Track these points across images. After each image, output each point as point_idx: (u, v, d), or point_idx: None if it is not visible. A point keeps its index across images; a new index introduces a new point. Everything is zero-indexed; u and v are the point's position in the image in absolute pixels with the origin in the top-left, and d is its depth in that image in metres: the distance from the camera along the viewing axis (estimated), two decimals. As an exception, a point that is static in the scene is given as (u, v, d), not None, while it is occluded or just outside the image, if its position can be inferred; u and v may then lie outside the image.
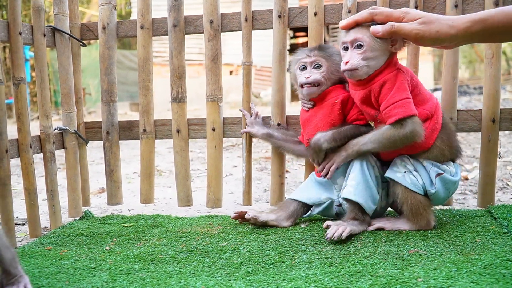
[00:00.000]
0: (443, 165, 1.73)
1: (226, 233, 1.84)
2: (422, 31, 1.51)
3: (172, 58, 2.16)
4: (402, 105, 1.62)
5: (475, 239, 1.58)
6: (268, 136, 2.04)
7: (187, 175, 2.20)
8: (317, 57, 1.81)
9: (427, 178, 1.70)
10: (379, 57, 1.65)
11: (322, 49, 1.83)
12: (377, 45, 1.62)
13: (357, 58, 1.63)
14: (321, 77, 1.80)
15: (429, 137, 1.69)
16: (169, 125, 2.22)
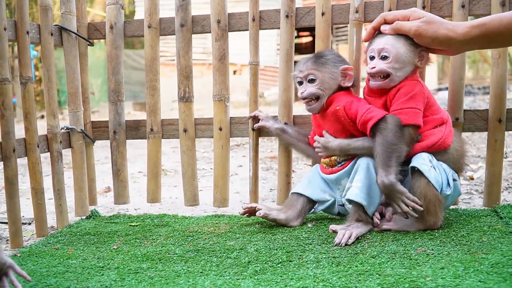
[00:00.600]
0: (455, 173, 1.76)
1: (233, 232, 1.84)
2: (422, 28, 1.60)
3: (180, 58, 2.17)
4: (409, 112, 1.67)
5: (482, 238, 1.58)
6: (282, 131, 2.04)
7: (194, 175, 2.21)
8: (309, 71, 1.79)
9: (446, 179, 1.70)
10: (404, 69, 1.69)
11: (316, 59, 1.81)
12: (403, 57, 1.67)
13: (384, 65, 1.67)
14: (316, 90, 1.78)
15: (447, 138, 1.73)
16: (176, 125, 2.22)
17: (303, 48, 16.30)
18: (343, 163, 1.82)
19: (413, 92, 1.68)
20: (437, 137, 1.72)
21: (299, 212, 1.87)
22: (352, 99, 1.78)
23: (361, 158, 1.75)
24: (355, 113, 1.74)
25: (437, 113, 1.75)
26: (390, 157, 1.63)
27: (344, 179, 1.81)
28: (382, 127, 1.66)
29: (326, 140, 1.81)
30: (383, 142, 1.65)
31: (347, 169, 1.80)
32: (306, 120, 2.10)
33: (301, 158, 3.39)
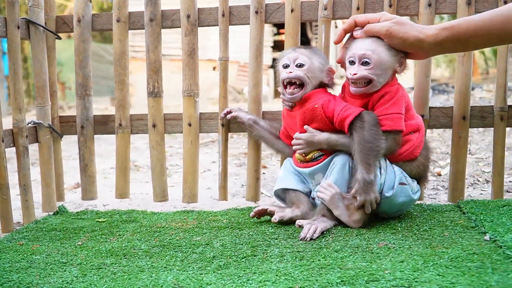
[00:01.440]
0: (409, 178, 1.76)
1: (201, 227, 1.84)
2: (393, 28, 1.60)
3: (149, 53, 2.16)
4: (393, 118, 1.67)
5: (444, 233, 1.61)
6: (254, 122, 2.03)
7: (163, 170, 2.20)
8: (301, 55, 1.77)
9: (390, 182, 1.70)
10: (385, 74, 1.68)
11: (309, 48, 1.83)
12: (385, 62, 1.66)
13: (366, 71, 1.66)
14: (303, 75, 1.75)
15: (417, 147, 1.74)
16: (145, 120, 2.21)
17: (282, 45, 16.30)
18: (319, 159, 1.81)
19: (395, 98, 1.69)
20: (406, 147, 1.73)
21: (310, 204, 1.84)
22: (329, 98, 1.78)
23: (337, 156, 1.75)
24: (332, 112, 1.73)
25: (412, 119, 1.76)
26: (369, 154, 1.63)
27: (318, 174, 1.81)
28: (359, 125, 1.66)
29: (311, 134, 1.77)
30: (360, 140, 1.65)
31: (322, 164, 1.79)
32: (276, 116, 2.11)
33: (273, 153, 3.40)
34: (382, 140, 1.66)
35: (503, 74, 1.96)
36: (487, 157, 3.34)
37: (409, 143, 1.74)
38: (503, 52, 1.96)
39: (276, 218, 1.77)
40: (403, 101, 1.71)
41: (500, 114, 1.99)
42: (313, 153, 1.80)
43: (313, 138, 1.77)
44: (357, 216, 1.69)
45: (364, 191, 1.64)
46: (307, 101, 1.78)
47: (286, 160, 1.95)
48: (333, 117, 1.73)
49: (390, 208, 1.74)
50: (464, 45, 1.58)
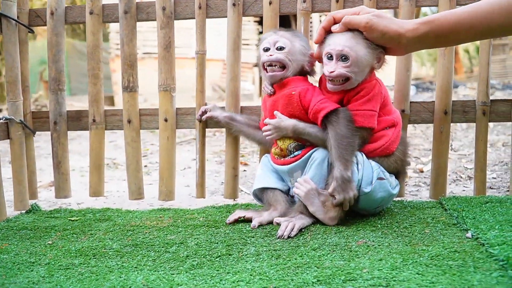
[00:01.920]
0: (387, 173, 1.72)
1: (176, 226, 1.78)
2: (372, 21, 1.55)
3: (123, 46, 2.09)
4: (364, 115, 1.63)
5: (424, 230, 1.57)
6: (231, 119, 1.98)
7: (138, 167, 2.14)
8: (282, 38, 1.72)
9: (368, 177, 1.66)
10: (363, 71, 1.63)
11: (290, 30, 1.77)
12: (362, 59, 1.60)
13: (344, 68, 1.61)
14: (284, 57, 1.70)
15: (393, 142, 1.69)
16: (120, 115, 2.15)
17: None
18: (296, 154, 1.75)
19: (371, 94, 1.65)
20: (382, 142, 1.69)
21: (288, 203, 1.78)
22: (308, 87, 1.72)
23: (316, 151, 1.70)
24: (308, 102, 1.68)
25: (389, 114, 1.72)
26: (347, 150, 1.59)
27: (297, 172, 1.75)
28: (334, 120, 1.62)
29: (278, 120, 1.72)
30: (336, 135, 1.60)
31: (301, 161, 1.73)
32: (254, 111, 2.06)
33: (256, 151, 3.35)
34: (358, 136, 1.63)
35: (485, 68, 1.93)
36: (470, 153, 3.32)
37: (385, 138, 1.70)
38: (486, 45, 1.92)
39: (255, 225, 1.70)
40: (379, 98, 1.67)
41: (482, 109, 1.96)
42: (288, 143, 1.75)
43: (280, 123, 1.72)
44: (333, 213, 1.64)
45: (343, 189, 1.59)
46: (286, 86, 1.73)
47: (264, 157, 1.90)
48: (308, 108, 1.68)
49: (370, 204, 1.70)
50: (445, 40, 1.53)
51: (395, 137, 1.71)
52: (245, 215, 1.76)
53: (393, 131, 1.71)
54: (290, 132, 1.71)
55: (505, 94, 8.99)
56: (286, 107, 1.72)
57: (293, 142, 1.74)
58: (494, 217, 1.63)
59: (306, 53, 1.74)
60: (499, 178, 2.58)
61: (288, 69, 1.72)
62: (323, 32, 1.66)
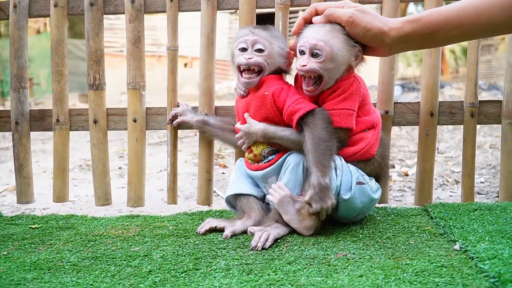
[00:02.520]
0: (367, 176, 1.60)
1: (143, 236, 1.65)
2: (356, 16, 1.44)
3: (89, 40, 1.95)
4: (341, 114, 1.51)
5: (409, 241, 1.46)
6: (203, 123, 1.85)
7: (105, 171, 2.00)
8: (261, 39, 1.59)
9: (347, 183, 1.54)
10: (338, 68, 1.51)
11: (268, 29, 1.63)
12: (338, 56, 1.48)
13: (316, 64, 1.48)
14: (263, 61, 1.58)
15: (373, 145, 1.58)
16: (86, 115, 2.01)
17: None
18: (270, 159, 1.63)
19: (348, 92, 1.53)
20: (361, 146, 1.57)
21: (263, 210, 1.66)
22: (282, 86, 1.60)
23: (291, 155, 1.58)
24: (283, 102, 1.56)
25: (368, 114, 1.60)
26: (325, 154, 1.47)
27: (271, 177, 1.63)
28: (310, 121, 1.50)
29: (248, 125, 1.60)
30: (313, 138, 1.48)
31: (275, 166, 1.61)
32: (229, 111, 1.93)
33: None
34: (336, 139, 1.51)
35: (473, 67, 1.82)
36: (457, 156, 3.23)
37: (364, 141, 1.58)
38: (475, 44, 1.82)
39: (228, 235, 1.57)
40: (358, 96, 1.55)
41: (470, 110, 1.85)
42: (261, 148, 1.62)
43: (250, 128, 1.60)
44: (308, 222, 1.52)
45: (320, 197, 1.47)
46: (260, 86, 1.61)
47: (238, 160, 1.77)
48: (283, 109, 1.56)
49: (350, 211, 1.59)
50: (432, 40, 1.42)
51: (375, 140, 1.59)
52: (217, 225, 1.63)
53: (373, 133, 1.59)
54: (260, 137, 1.59)
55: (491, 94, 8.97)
56: (259, 109, 1.60)
57: (267, 147, 1.62)
58: (484, 227, 1.52)
59: (283, 54, 1.62)
60: (487, 183, 2.48)
61: (264, 73, 1.60)
62: (302, 23, 1.55)
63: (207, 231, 1.63)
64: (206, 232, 1.63)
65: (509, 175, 1.84)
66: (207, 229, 1.63)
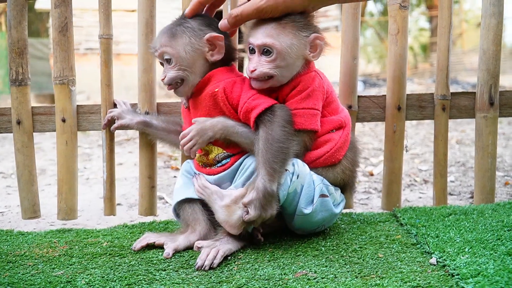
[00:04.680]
0: (331, 187, 1.40)
1: (70, 255, 1.40)
2: (268, 6, 1.26)
3: (11, 30, 1.69)
4: (305, 114, 1.33)
5: (378, 253, 1.28)
6: (145, 125, 1.61)
7: (32, 179, 1.74)
8: (162, 48, 1.37)
9: (309, 195, 1.35)
10: (293, 64, 1.32)
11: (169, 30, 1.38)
12: (290, 51, 1.30)
13: (266, 66, 1.30)
14: (176, 73, 1.36)
15: (341, 148, 1.39)
16: (8, 115, 1.74)
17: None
18: (224, 163, 1.41)
19: (310, 89, 1.33)
20: (326, 148, 1.37)
21: (209, 222, 1.43)
22: (234, 79, 1.38)
23: (249, 157, 1.37)
24: (237, 98, 1.34)
25: (335, 113, 1.40)
26: (276, 157, 1.26)
27: (225, 183, 1.41)
28: (267, 119, 1.29)
29: (201, 121, 1.37)
30: (267, 137, 1.27)
31: (229, 171, 1.40)
32: (173, 109, 1.70)
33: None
34: (294, 142, 1.30)
35: (444, 53, 1.65)
36: (423, 152, 3.08)
37: (330, 143, 1.38)
38: (445, 30, 1.64)
39: (169, 253, 1.34)
40: (321, 93, 1.35)
41: (441, 103, 1.68)
42: (216, 153, 1.40)
43: (204, 123, 1.36)
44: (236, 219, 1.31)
45: (262, 205, 1.26)
46: (208, 84, 1.38)
47: (185, 163, 1.54)
48: (237, 106, 1.34)
49: (307, 225, 1.40)
50: None
51: (342, 142, 1.39)
52: (155, 241, 1.40)
53: (341, 134, 1.39)
54: (218, 131, 1.35)
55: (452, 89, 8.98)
56: (212, 110, 1.37)
57: (222, 152, 1.40)
58: (461, 235, 1.35)
59: (199, 46, 1.37)
60: (458, 182, 2.33)
61: (188, 80, 1.37)
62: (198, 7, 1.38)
63: (143, 248, 1.40)
64: (143, 249, 1.40)
65: (485, 174, 1.68)
66: (143, 245, 1.40)
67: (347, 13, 1.66)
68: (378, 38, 22.08)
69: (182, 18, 1.40)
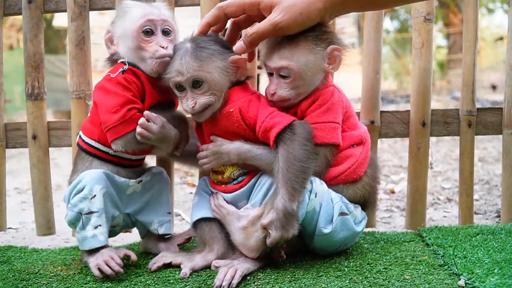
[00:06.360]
0: (351, 205, 1.35)
1: (85, 274, 1.37)
2: (283, 20, 1.22)
3: (27, 43, 1.69)
4: (326, 128, 1.29)
5: (404, 275, 1.22)
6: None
7: (47, 195, 1.72)
8: (193, 73, 1.28)
9: (328, 214, 1.30)
10: (312, 80, 1.30)
11: (196, 52, 1.29)
12: (308, 68, 1.27)
13: (285, 89, 1.29)
14: (208, 99, 1.30)
15: (362, 164, 1.35)
16: (24, 130, 1.73)
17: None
18: (240, 180, 1.37)
19: (330, 102, 1.30)
20: (347, 164, 1.33)
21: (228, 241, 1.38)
22: (250, 98, 1.34)
23: (265, 175, 1.32)
24: (254, 118, 1.30)
25: (354, 128, 1.37)
26: (297, 177, 1.22)
27: (242, 201, 1.36)
28: (288, 137, 1.24)
29: (218, 143, 1.34)
30: (288, 156, 1.23)
31: (245, 189, 1.35)
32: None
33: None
34: (315, 161, 1.26)
35: (470, 69, 1.60)
36: (446, 170, 3.01)
37: (351, 159, 1.33)
38: (471, 44, 1.59)
39: (187, 273, 1.30)
40: (340, 107, 1.32)
41: (467, 119, 1.62)
42: (231, 171, 1.36)
43: (220, 147, 1.33)
44: (254, 242, 1.27)
45: (283, 225, 1.21)
46: (225, 104, 1.33)
47: (201, 180, 1.50)
48: (255, 125, 1.30)
49: (329, 245, 1.35)
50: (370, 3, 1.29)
51: (363, 158, 1.35)
52: (172, 260, 1.36)
53: (361, 150, 1.35)
54: (234, 157, 1.32)
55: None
56: (225, 128, 1.33)
57: (237, 170, 1.36)
58: (490, 256, 1.28)
59: (227, 69, 1.32)
60: (483, 200, 2.25)
61: (215, 104, 1.31)
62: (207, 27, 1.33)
63: (159, 268, 1.35)
64: (158, 269, 1.35)
65: (513, 192, 1.61)
66: (160, 266, 1.35)
67: (369, 27, 1.63)
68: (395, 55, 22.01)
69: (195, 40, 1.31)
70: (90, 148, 1.40)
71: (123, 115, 1.28)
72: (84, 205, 1.33)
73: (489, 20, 24.21)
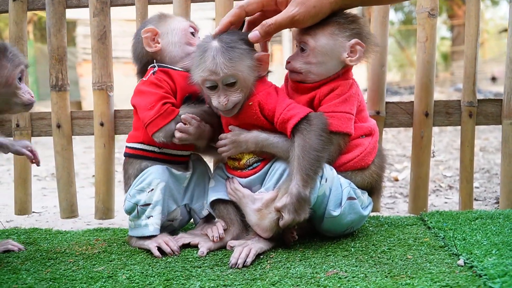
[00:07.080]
0: (358, 190, 1.45)
1: (109, 252, 1.47)
2: (299, 13, 1.31)
3: (51, 37, 1.78)
4: (341, 117, 1.38)
5: (406, 255, 1.31)
6: None
7: (70, 180, 1.82)
8: (228, 71, 1.32)
9: (337, 198, 1.39)
10: (326, 64, 1.38)
11: (228, 51, 1.33)
12: (325, 50, 1.36)
13: (298, 62, 1.39)
14: (239, 96, 1.36)
15: (370, 154, 1.44)
16: (48, 119, 1.82)
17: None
18: (255, 166, 1.46)
19: (347, 94, 1.39)
20: (356, 152, 1.42)
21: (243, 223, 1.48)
22: (268, 91, 1.42)
23: (278, 161, 1.42)
24: (272, 110, 1.38)
25: (364, 121, 1.46)
26: (312, 164, 1.31)
27: (256, 186, 1.46)
28: (304, 128, 1.33)
29: (236, 132, 1.43)
30: (304, 145, 1.32)
31: (260, 174, 1.45)
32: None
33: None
34: (328, 151, 1.35)
35: (471, 62, 1.68)
36: (448, 159, 3.10)
37: (360, 148, 1.43)
38: (472, 37, 1.68)
39: (204, 252, 1.40)
40: (356, 100, 1.41)
41: (468, 110, 1.71)
42: (247, 158, 1.46)
43: (239, 136, 1.42)
44: (267, 223, 1.37)
45: (295, 209, 1.31)
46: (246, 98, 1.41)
47: (217, 167, 1.60)
48: (273, 117, 1.38)
49: (336, 227, 1.44)
50: None
51: (371, 148, 1.45)
52: (190, 241, 1.46)
53: (370, 140, 1.45)
54: (251, 146, 1.41)
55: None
56: (245, 120, 1.42)
57: (253, 157, 1.45)
58: (488, 238, 1.37)
59: (255, 66, 1.38)
60: (483, 188, 2.35)
61: (242, 100, 1.39)
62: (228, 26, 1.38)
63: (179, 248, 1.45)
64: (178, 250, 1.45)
65: (511, 180, 1.70)
66: (179, 246, 1.45)
67: (376, 21, 1.71)
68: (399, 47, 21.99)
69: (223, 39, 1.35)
70: (136, 151, 1.50)
71: (159, 109, 1.39)
72: (141, 197, 1.45)
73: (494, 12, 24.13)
